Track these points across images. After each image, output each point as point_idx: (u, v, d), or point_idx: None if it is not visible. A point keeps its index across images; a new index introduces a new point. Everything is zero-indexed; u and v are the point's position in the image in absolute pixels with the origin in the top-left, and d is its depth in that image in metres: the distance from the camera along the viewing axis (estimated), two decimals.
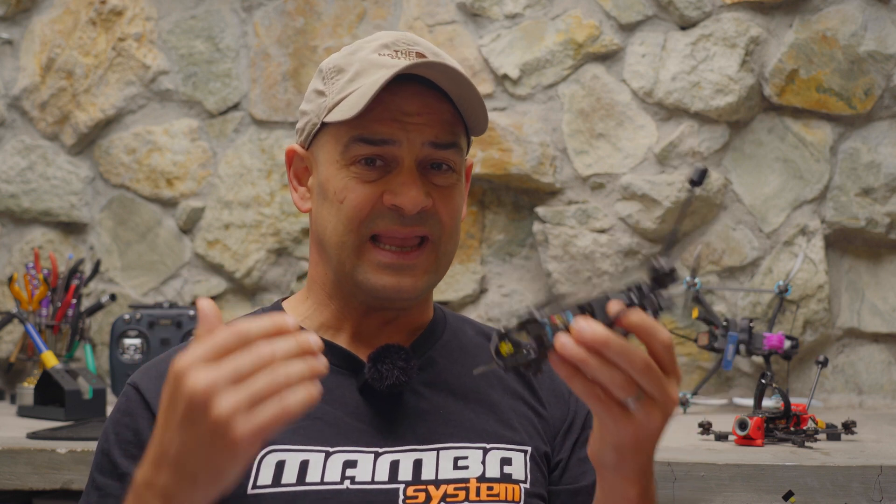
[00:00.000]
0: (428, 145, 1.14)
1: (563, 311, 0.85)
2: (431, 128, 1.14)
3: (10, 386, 2.47)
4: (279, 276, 2.52)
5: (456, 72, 1.12)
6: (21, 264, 2.53)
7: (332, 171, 1.16)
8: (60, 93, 2.57)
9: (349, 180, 1.14)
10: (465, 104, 1.16)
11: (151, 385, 1.13)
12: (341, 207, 1.14)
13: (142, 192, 2.56)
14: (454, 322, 1.27)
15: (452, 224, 1.18)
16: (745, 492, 1.58)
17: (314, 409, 1.10)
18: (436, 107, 1.15)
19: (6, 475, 1.70)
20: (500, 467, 1.13)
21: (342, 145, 1.15)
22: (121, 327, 2.29)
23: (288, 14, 2.54)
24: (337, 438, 1.11)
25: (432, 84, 1.15)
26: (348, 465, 1.10)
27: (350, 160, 1.14)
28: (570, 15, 2.47)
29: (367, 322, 1.19)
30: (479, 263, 2.49)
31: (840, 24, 2.40)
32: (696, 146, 2.42)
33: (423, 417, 1.15)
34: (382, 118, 1.13)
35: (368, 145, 1.13)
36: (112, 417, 1.14)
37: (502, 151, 2.44)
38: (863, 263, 2.45)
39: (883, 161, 2.41)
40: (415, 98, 1.14)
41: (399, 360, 1.15)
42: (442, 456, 1.13)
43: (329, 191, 1.16)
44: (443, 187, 1.16)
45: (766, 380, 1.80)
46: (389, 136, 1.13)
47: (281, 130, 2.54)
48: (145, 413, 1.11)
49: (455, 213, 1.18)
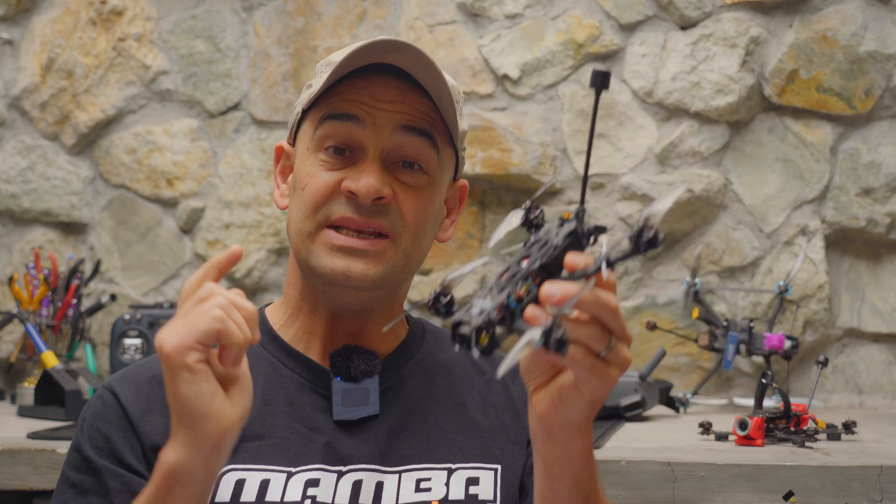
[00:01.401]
0: (399, 130, 1.12)
1: (523, 281, 0.81)
2: (403, 114, 1.12)
3: (11, 386, 2.47)
4: (279, 276, 2.52)
5: (425, 57, 1.10)
6: (21, 264, 2.53)
7: (303, 160, 1.15)
8: (60, 93, 2.57)
9: (314, 167, 1.13)
10: (443, 102, 1.14)
11: (130, 393, 1.12)
12: (303, 194, 1.13)
13: (142, 192, 2.56)
14: (433, 339, 1.24)
15: (415, 226, 1.13)
16: (746, 492, 1.58)
17: (281, 427, 1.11)
18: (412, 98, 1.13)
19: (6, 475, 1.70)
20: (466, 488, 1.11)
21: (313, 129, 1.14)
22: (121, 327, 2.29)
23: (288, 14, 2.55)
24: (301, 458, 1.10)
25: (415, 82, 1.13)
26: (310, 483, 1.08)
27: (318, 144, 1.13)
28: (571, 15, 2.47)
29: (335, 329, 1.17)
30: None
31: (840, 24, 2.40)
32: (697, 146, 2.42)
33: (389, 437, 1.13)
34: (352, 98, 1.12)
35: (334, 122, 1.12)
36: (86, 419, 1.12)
37: (502, 151, 2.44)
38: (863, 263, 2.45)
39: (883, 161, 2.41)
40: (390, 88, 1.13)
41: (360, 350, 1.14)
42: (404, 478, 1.10)
43: (297, 178, 1.15)
44: (409, 185, 1.13)
45: (767, 380, 1.80)
46: (355, 113, 1.11)
47: (281, 130, 2.54)
48: (121, 422, 1.10)
49: (419, 214, 1.13)
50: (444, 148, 1.17)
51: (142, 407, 1.11)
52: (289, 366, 1.16)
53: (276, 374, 1.16)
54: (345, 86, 1.13)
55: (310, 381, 1.15)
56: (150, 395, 1.12)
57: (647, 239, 0.78)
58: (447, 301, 0.83)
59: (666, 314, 2.42)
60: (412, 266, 1.16)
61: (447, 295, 0.82)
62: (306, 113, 1.17)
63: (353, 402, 1.13)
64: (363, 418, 1.13)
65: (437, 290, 0.83)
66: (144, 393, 1.12)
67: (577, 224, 0.83)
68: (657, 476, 1.60)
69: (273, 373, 1.16)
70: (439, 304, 0.83)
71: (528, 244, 0.84)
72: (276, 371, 1.16)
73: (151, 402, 1.11)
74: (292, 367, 1.16)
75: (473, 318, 0.77)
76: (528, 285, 0.80)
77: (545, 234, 0.84)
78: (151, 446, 1.08)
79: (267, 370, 1.16)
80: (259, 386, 1.13)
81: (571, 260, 0.82)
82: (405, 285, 1.20)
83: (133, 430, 1.10)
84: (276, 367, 1.16)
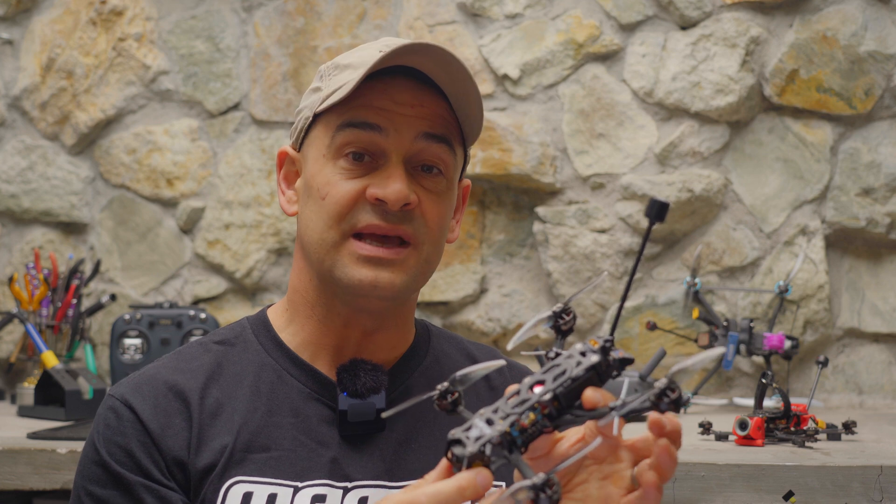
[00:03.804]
0: (420, 138, 1.11)
1: (531, 410, 0.77)
2: (424, 120, 1.11)
3: (11, 386, 2.48)
4: (279, 276, 2.52)
5: (452, 58, 1.09)
6: (21, 264, 2.53)
7: (319, 167, 1.12)
8: (61, 93, 2.57)
9: (333, 175, 1.11)
10: (462, 102, 1.13)
11: (147, 407, 1.09)
12: (323, 204, 1.10)
13: (142, 193, 2.56)
14: (438, 344, 1.23)
15: (437, 231, 1.13)
16: (746, 492, 1.58)
17: (287, 439, 1.10)
18: (430, 101, 1.12)
19: (6, 475, 1.70)
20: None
21: (330, 136, 1.12)
22: (121, 327, 2.29)
23: (288, 14, 2.55)
24: (307, 472, 1.09)
25: (431, 82, 1.12)
26: (317, 499, 1.08)
27: (337, 152, 1.11)
28: (571, 15, 2.47)
29: (348, 335, 1.15)
30: (480, 263, 2.49)
31: (840, 24, 2.40)
32: (697, 146, 2.42)
33: (396, 451, 1.12)
34: (372, 105, 1.10)
35: (355, 130, 1.10)
36: (101, 432, 1.10)
37: (502, 151, 2.44)
38: (863, 263, 2.45)
39: (883, 161, 2.41)
40: (409, 91, 1.11)
41: (367, 366, 1.13)
42: None
43: (313, 187, 1.12)
44: (431, 191, 1.12)
45: (767, 380, 1.80)
46: (376, 122, 1.10)
47: (281, 130, 2.54)
48: (141, 437, 1.08)
49: (441, 220, 1.13)
50: (458, 150, 1.16)
51: (161, 422, 1.09)
52: (294, 375, 1.15)
53: (282, 382, 1.14)
54: (361, 90, 1.10)
55: (316, 392, 1.14)
56: (168, 408, 1.10)
57: (670, 401, 0.75)
58: (454, 399, 0.80)
59: (666, 314, 2.42)
60: (430, 271, 1.16)
61: (454, 393, 0.80)
62: (318, 117, 1.14)
63: (359, 417, 1.12)
64: (369, 433, 1.12)
65: (445, 386, 0.80)
66: (162, 407, 1.10)
67: (601, 357, 0.78)
68: None
69: (278, 381, 1.14)
70: (445, 402, 0.80)
71: (546, 364, 0.80)
72: (281, 380, 1.14)
73: (170, 415, 1.09)
74: (298, 377, 1.15)
75: (470, 444, 0.74)
76: (534, 416, 0.77)
77: (565, 361, 0.79)
78: (174, 460, 1.07)
79: (272, 378, 1.14)
80: (264, 394, 1.13)
81: (591, 397, 0.77)
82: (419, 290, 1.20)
83: (155, 445, 1.08)
84: (282, 376, 1.15)
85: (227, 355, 1.16)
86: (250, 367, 1.15)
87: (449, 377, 0.82)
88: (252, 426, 1.10)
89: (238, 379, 1.14)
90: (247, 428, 1.10)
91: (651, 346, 2.39)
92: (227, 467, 1.07)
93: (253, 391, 1.13)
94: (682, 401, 0.75)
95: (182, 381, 1.12)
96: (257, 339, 1.18)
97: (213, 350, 1.17)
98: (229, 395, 1.12)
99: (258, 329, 1.19)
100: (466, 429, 0.76)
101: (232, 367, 1.15)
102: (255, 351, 1.17)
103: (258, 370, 1.15)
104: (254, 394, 1.13)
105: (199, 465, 1.08)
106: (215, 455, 1.08)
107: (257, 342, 1.17)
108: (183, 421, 1.09)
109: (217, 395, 1.12)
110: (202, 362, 1.15)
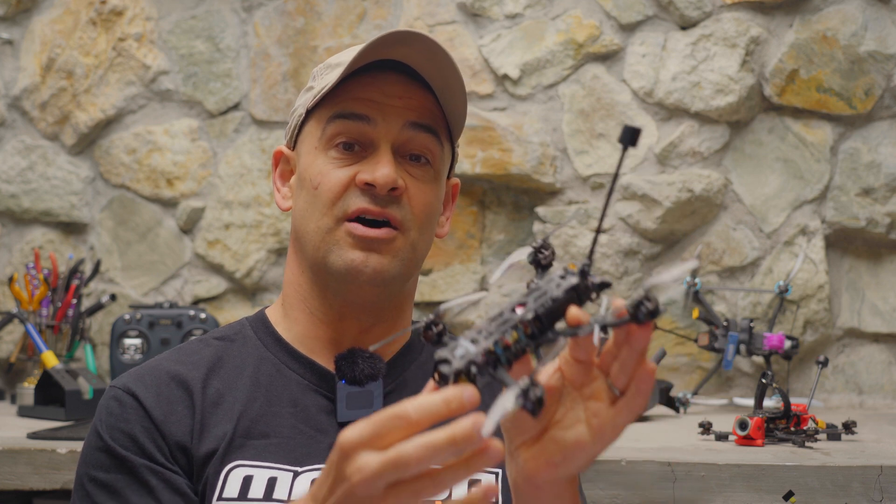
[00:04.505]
0: (408, 127, 1.14)
1: (513, 329, 0.79)
2: (411, 110, 1.15)
3: (11, 386, 2.47)
4: (279, 276, 2.52)
5: (438, 48, 1.12)
6: (21, 264, 2.53)
7: (311, 159, 1.16)
8: (61, 93, 2.57)
9: (325, 165, 1.15)
10: (447, 95, 1.16)
11: (150, 395, 1.11)
12: (316, 193, 1.14)
13: (142, 193, 2.56)
14: None
15: (424, 218, 1.16)
16: (746, 492, 1.58)
17: (286, 427, 1.11)
18: (417, 94, 1.16)
19: (6, 475, 1.70)
20: (468, 489, 1.09)
21: (321, 129, 1.16)
22: (121, 327, 2.29)
23: (288, 14, 2.55)
24: (306, 458, 1.10)
25: (419, 78, 1.16)
26: None
27: (328, 142, 1.15)
28: (571, 15, 2.47)
29: (344, 330, 1.18)
30: (480, 263, 2.49)
31: (840, 24, 2.40)
32: (697, 146, 2.42)
33: None
34: (361, 97, 1.14)
35: (345, 121, 1.14)
36: (103, 420, 1.11)
37: (502, 151, 2.44)
38: (863, 263, 2.45)
39: (883, 161, 2.41)
40: (397, 84, 1.15)
41: (365, 353, 1.15)
42: None
43: (306, 178, 1.16)
44: (418, 179, 1.16)
45: (767, 380, 1.80)
46: (365, 113, 1.14)
47: (281, 130, 2.54)
48: (144, 422, 1.10)
49: (428, 207, 1.16)
50: (445, 143, 1.20)
51: (164, 409, 1.11)
52: (293, 368, 1.17)
53: (281, 375, 1.17)
54: (351, 84, 1.15)
55: (314, 384, 1.16)
56: (171, 396, 1.12)
57: (647, 310, 0.78)
58: (439, 330, 0.82)
59: (666, 314, 2.42)
60: (418, 259, 1.18)
61: (438, 324, 0.82)
62: (310, 113, 1.18)
63: (357, 404, 1.14)
64: None
65: (430, 318, 0.82)
66: (165, 395, 1.12)
67: (580, 280, 0.81)
68: (657, 476, 1.60)
69: (277, 374, 1.17)
70: (431, 333, 0.82)
71: (527, 290, 0.82)
72: (279, 373, 1.17)
73: (173, 402, 1.12)
74: (296, 370, 1.17)
75: (456, 360, 0.77)
76: (517, 334, 0.79)
77: (545, 284, 0.82)
78: (177, 445, 1.09)
79: (271, 371, 1.17)
80: (263, 386, 1.15)
81: (575, 315, 0.80)
82: (412, 282, 1.22)
83: (158, 430, 1.10)
84: (280, 369, 1.17)
85: (228, 350, 1.19)
86: (250, 360, 1.18)
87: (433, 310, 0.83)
88: (252, 414, 1.12)
89: (238, 371, 1.16)
90: (246, 415, 1.12)
91: (651, 346, 2.38)
92: (227, 452, 1.09)
93: (253, 382, 1.15)
94: (659, 312, 0.79)
95: (184, 372, 1.14)
96: (256, 335, 1.20)
97: (214, 345, 1.19)
98: (230, 386, 1.15)
99: (257, 326, 1.22)
100: (452, 349, 0.78)
101: (232, 360, 1.18)
102: (254, 346, 1.19)
103: (257, 363, 1.18)
104: (253, 385, 1.15)
105: (202, 451, 1.10)
106: (216, 441, 1.10)
107: (256, 338, 1.20)
108: (185, 409, 1.11)
109: (218, 385, 1.14)
110: (203, 356, 1.18)
